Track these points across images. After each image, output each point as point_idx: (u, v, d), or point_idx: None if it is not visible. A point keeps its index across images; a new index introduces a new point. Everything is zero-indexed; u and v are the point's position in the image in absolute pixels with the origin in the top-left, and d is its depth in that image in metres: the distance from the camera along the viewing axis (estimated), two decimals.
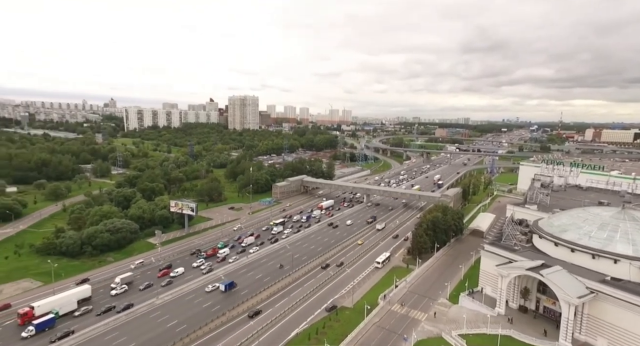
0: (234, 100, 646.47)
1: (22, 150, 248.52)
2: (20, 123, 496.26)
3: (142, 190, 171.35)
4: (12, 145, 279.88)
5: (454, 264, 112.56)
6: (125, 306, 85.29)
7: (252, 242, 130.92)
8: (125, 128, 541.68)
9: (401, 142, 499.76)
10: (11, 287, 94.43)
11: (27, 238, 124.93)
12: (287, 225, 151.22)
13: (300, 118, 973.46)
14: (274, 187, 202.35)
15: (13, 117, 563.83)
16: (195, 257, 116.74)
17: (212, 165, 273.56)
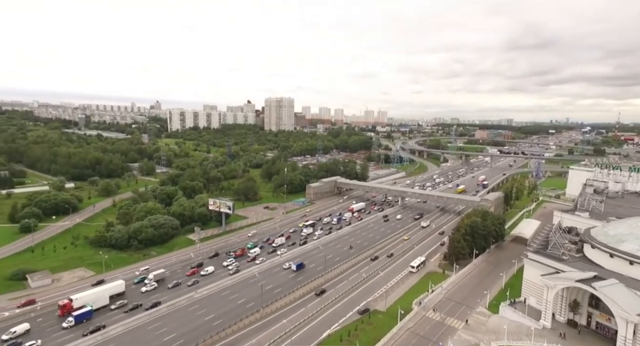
0: (270, 102, 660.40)
1: (79, 149, 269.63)
2: (78, 125, 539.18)
3: (183, 188, 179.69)
4: (70, 145, 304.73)
5: (494, 272, 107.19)
6: (152, 304, 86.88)
7: (282, 243, 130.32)
8: (169, 129, 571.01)
9: (438, 143, 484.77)
10: (69, 275, 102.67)
11: (82, 230, 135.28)
12: (317, 227, 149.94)
13: (335, 120, 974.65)
14: (308, 187, 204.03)
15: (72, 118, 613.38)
16: (225, 256, 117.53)
17: (248, 165, 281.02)
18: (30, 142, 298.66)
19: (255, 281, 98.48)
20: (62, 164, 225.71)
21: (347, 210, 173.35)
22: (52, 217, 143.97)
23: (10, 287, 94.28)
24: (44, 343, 72.52)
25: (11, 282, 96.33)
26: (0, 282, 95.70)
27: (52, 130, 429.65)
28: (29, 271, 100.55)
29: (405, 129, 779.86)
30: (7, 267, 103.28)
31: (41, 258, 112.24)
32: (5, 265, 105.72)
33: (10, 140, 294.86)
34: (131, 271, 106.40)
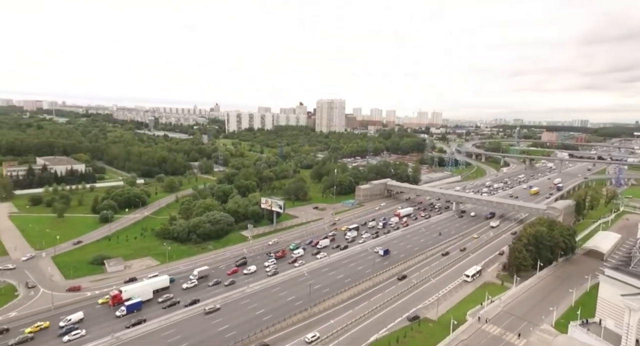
0: (321, 104, 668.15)
1: (148, 149, 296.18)
2: (148, 126, 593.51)
3: (238, 186, 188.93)
4: (141, 144, 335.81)
5: (562, 287, 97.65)
6: (191, 301, 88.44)
7: (327, 245, 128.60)
8: (226, 130, 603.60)
9: (499, 146, 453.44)
10: (138, 263, 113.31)
11: (150, 223, 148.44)
12: (362, 230, 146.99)
13: (386, 121, 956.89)
14: (357, 189, 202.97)
15: (143, 120, 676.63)
16: (267, 256, 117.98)
17: (299, 166, 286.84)
18: (109, 141, 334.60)
19: (304, 280, 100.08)
20: (134, 162, 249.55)
21: (394, 214, 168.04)
22: (125, 210, 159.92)
23: (91, 271, 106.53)
24: (101, 329, 77.81)
25: (92, 266, 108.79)
26: (84, 266, 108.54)
27: (127, 131, 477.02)
28: (106, 257, 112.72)
29: (462, 131, 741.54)
30: (90, 252, 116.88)
31: (116, 246, 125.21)
32: (88, 250, 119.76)
33: (93, 140, 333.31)
34: (192, 263, 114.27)
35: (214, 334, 77.67)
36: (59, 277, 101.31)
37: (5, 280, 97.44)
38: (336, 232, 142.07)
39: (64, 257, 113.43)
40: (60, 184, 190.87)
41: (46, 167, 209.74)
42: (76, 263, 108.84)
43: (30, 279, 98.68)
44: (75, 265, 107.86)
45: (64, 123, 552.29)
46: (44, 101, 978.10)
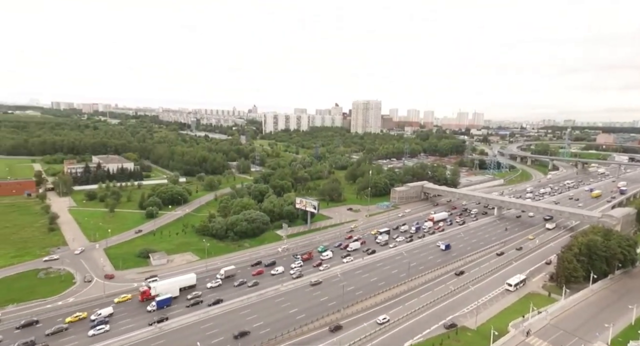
0: (357, 104, 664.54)
1: (190, 149, 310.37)
2: (190, 127, 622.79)
3: (274, 186, 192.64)
4: (184, 144, 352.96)
5: (620, 303, 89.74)
6: (214, 301, 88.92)
7: (357, 248, 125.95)
8: (263, 131, 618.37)
9: (547, 149, 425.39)
10: (179, 258, 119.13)
11: (190, 220, 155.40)
12: (393, 234, 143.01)
13: (424, 122, 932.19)
14: (393, 191, 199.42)
15: (186, 121, 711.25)
16: (293, 258, 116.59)
17: (333, 167, 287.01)
18: (155, 141, 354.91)
19: (337, 281, 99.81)
20: (177, 161, 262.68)
21: (427, 219, 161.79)
22: (168, 206, 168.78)
23: (138, 263, 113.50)
24: (135, 321, 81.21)
25: (139, 259, 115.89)
26: (132, 258, 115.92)
27: (171, 132, 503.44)
28: (151, 251, 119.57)
29: (505, 132, 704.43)
30: (137, 246, 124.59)
31: (160, 240, 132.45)
32: (135, 244, 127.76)
33: (141, 140, 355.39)
34: (229, 259, 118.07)
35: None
36: (109, 268, 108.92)
37: (65, 268, 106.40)
38: (350, 240, 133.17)
39: (114, 249, 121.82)
40: (112, 181, 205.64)
41: (100, 165, 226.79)
42: (125, 255, 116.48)
43: (87, 269, 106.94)
44: (124, 257, 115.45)
45: (116, 124, 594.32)
46: (99, 104, 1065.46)
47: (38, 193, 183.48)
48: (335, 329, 79.30)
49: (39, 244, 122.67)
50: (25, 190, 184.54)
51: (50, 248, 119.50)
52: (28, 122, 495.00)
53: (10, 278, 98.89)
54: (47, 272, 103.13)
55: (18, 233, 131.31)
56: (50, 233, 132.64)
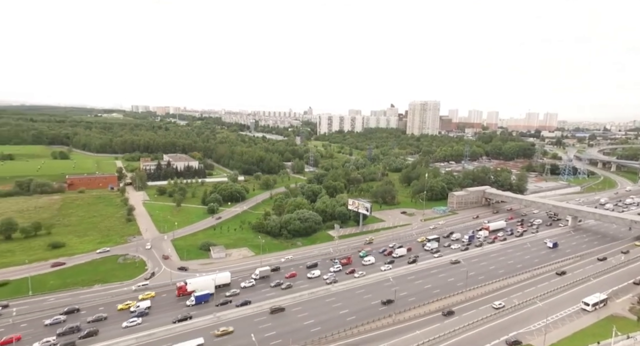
0: (414, 105, 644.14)
1: (249, 149, 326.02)
2: (249, 128, 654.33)
3: (327, 187, 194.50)
4: (243, 145, 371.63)
5: None
6: (242, 302, 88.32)
7: (403, 254, 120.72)
8: (317, 132, 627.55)
9: (637, 153, 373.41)
10: (236, 252, 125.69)
11: (247, 217, 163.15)
12: (443, 242, 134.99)
13: (487, 123, 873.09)
14: (450, 195, 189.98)
15: (246, 123, 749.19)
16: (332, 262, 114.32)
17: (387, 169, 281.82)
18: (217, 142, 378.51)
19: (361, 292, 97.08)
20: (237, 160, 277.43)
21: (482, 227, 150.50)
22: (228, 203, 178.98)
23: (200, 255, 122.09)
24: (169, 317, 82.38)
25: (201, 251, 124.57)
26: (195, 250, 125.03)
27: (232, 133, 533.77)
28: (212, 244, 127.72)
29: (584, 135, 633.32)
30: (199, 239, 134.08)
31: (219, 235, 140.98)
32: (198, 237, 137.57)
33: (205, 140, 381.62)
34: (282, 256, 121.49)
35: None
36: (175, 258, 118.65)
37: (139, 255, 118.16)
38: (363, 253, 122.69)
39: (179, 241, 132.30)
40: (179, 178, 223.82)
41: (170, 162, 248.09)
42: (189, 247, 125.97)
43: (157, 258, 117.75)
44: (188, 248, 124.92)
45: (184, 125, 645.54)
46: (170, 107, 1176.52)
47: (119, 187, 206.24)
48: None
49: (119, 232, 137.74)
50: (109, 184, 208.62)
51: (128, 237, 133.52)
52: (113, 123, 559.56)
53: (96, 261, 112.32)
54: (125, 258, 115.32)
55: (103, 222, 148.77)
56: (128, 223, 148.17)
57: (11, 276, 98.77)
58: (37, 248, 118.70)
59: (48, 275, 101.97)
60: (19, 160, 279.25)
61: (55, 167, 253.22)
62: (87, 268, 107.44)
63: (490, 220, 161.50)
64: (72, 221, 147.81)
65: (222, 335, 76.41)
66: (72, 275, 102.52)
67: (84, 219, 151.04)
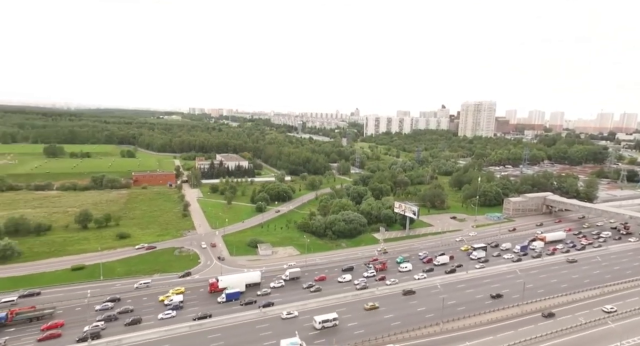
0: (466, 106, 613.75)
1: (296, 150, 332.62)
2: (297, 129, 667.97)
3: (372, 189, 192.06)
4: (290, 145, 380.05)
5: None
6: (265, 303, 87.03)
7: (445, 262, 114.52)
8: (364, 133, 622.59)
9: None
10: (282, 250, 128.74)
11: (293, 216, 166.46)
12: (492, 252, 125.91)
13: (550, 125, 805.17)
14: (506, 201, 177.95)
15: (293, 124, 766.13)
16: (366, 267, 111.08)
17: (437, 172, 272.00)
18: (266, 143, 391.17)
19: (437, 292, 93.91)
20: (284, 161, 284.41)
21: (536, 237, 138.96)
22: (275, 202, 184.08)
23: (248, 251, 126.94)
24: (206, 311, 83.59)
25: (249, 248, 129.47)
26: (243, 246, 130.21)
27: (280, 134, 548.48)
28: (259, 242, 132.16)
29: None
30: (247, 236, 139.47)
31: (266, 233, 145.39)
32: (246, 234, 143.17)
33: (255, 141, 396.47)
34: (327, 257, 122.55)
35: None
36: (225, 253, 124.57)
37: (193, 249, 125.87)
38: (374, 263, 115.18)
39: (229, 237, 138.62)
40: (230, 177, 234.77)
41: (222, 162, 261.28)
42: (238, 243, 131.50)
43: (209, 252, 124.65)
44: (237, 244, 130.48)
45: (236, 127, 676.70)
46: (223, 109, 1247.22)
47: (176, 184, 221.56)
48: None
49: (176, 226, 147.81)
50: (168, 181, 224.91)
51: (183, 231, 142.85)
52: (172, 125, 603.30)
53: (156, 252, 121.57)
54: (180, 251, 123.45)
55: (162, 216, 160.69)
56: (184, 218, 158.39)
57: (87, 261, 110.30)
58: (107, 238, 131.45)
59: (116, 262, 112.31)
60: (94, 158, 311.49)
61: (123, 164, 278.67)
62: (148, 258, 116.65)
63: (548, 231, 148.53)
64: (136, 214, 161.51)
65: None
66: (136, 264, 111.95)
67: (146, 213, 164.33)
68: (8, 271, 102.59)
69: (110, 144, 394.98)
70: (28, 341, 72.63)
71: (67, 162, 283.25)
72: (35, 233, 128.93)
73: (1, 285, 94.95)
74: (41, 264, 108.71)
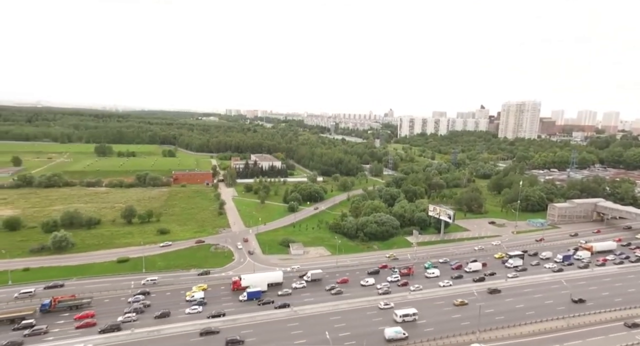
0: (508, 106, 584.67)
1: (328, 151, 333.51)
2: (329, 130, 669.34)
3: (406, 191, 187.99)
4: (323, 146, 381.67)
5: None
6: (281, 304, 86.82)
7: (477, 269, 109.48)
8: (398, 135, 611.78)
9: None
10: (313, 251, 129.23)
11: (324, 216, 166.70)
12: (530, 261, 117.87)
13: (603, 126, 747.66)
14: (551, 207, 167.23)
15: (326, 125, 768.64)
16: (391, 271, 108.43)
17: (474, 175, 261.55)
18: (299, 143, 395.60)
19: (441, 304, 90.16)
20: (317, 161, 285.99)
21: (581, 247, 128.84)
22: (306, 203, 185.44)
23: (280, 250, 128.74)
24: (226, 308, 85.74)
25: (281, 247, 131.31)
26: (275, 245, 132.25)
27: (313, 135, 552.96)
28: (291, 241, 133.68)
29: None
30: (280, 235, 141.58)
31: (298, 233, 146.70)
32: (278, 233, 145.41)
33: (288, 142, 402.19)
34: (358, 259, 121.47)
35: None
36: (258, 251, 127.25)
37: (227, 246, 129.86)
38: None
39: (262, 236, 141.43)
40: (263, 176, 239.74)
41: (256, 162, 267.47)
42: (270, 242, 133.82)
43: (242, 250, 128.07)
44: (269, 243, 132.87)
45: (270, 127, 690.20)
46: (258, 110, 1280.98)
47: (213, 183, 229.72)
48: None
49: (212, 224, 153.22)
50: (205, 180, 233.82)
51: (219, 228, 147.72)
52: (210, 126, 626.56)
53: (193, 248, 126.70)
54: (216, 248, 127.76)
55: (199, 214, 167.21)
56: (219, 216, 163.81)
57: (131, 254, 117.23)
58: (149, 233, 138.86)
59: (156, 256, 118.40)
60: (139, 157, 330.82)
61: (164, 163, 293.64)
62: (186, 254, 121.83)
63: (595, 240, 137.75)
64: (175, 211, 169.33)
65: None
66: (175, 259, 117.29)
67: (184, 210, 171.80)
68: (64, 261, 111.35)
69: (153, 144, 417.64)
70: (68, 328, 77.22)
71: (115, 160, 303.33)
72: (86, 226, 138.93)
73: (58, 273, 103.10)
74: (91, 255, 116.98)
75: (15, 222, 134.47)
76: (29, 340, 72.13)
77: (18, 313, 79.88)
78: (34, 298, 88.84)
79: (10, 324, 76.88)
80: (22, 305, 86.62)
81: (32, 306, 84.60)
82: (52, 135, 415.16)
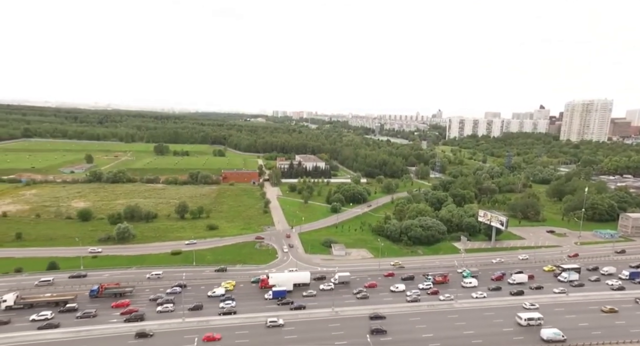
0: (572, 106, 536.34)
1: (372, 152, 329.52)
2: (374, 132, 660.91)
3: (454, 195, 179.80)
4: (367, 148, 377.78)
5: None
6: (296, 306, 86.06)
7: (523, 282, 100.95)
8: (446, 136, 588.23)
9: None
10: (355, 252, 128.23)
11: (367, 218, 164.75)
12: (587, 276, 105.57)
13: None
14: (623, 217, 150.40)
15: (371, 126, 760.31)
16: (424, 278, 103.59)
17: (531, 179, 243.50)
18: (343, 144, 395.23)
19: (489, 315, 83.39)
20: (360, 163, 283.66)
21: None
22: (350, 204, 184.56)
23: (322, 250, 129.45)
24: (251, 305, 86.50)
25: (323, 247, 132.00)
26: (318, 245, 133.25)
27: (357, 136, 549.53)
28: (333, 242, 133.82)
29: None
30: (322, 235, 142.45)
31: (340, 234, 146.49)
32: (320, 233, 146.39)
33: (332, 143, 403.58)
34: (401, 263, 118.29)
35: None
36: (301, 249, 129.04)
37: (272, 244, 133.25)
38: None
39: (305, 235, 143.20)
40: (307, 177, 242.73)
41: (301, 162, 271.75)
42: (312, 242, 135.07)
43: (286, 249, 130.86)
44: (312, 243, 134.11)
45: (315, 129, 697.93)
46: (304, 111, 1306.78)
47: (259, 182, 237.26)
48: None
49: (257, 222, 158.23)
50: (252, 179, 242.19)
51: (264, 226, 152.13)
52: (257, 127, 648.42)
53: (239, 245, 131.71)
54: (260, 245, 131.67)
55: (245, 212, 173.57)
56: (264, 215, 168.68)
57: (183, 248, 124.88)
58: (199, 228, 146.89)
59: (206, 251, 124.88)
60: (192, 156, 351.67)
61: (214, 162, 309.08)
62: (232, 249, 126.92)
63: None
64: (223, 208, 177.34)
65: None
66: (222, 254, 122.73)
67: (232, 208, 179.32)
68: (126, 251, 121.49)
69: (205, 144, 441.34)
70: (113, 314, 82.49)
71: (171, 159, 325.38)
72: (145, 219, 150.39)
73: (120, 262, 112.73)
74: (149, 247, 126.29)
75: (87, 213, 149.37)
76: (80, 321, 78.16)
77: (62, 297, 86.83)
78: (81, 285, 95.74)
79: (55, 306, 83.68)
80: (69, 289, 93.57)
81: (74, 292, 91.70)
82: (119, 135, 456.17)
